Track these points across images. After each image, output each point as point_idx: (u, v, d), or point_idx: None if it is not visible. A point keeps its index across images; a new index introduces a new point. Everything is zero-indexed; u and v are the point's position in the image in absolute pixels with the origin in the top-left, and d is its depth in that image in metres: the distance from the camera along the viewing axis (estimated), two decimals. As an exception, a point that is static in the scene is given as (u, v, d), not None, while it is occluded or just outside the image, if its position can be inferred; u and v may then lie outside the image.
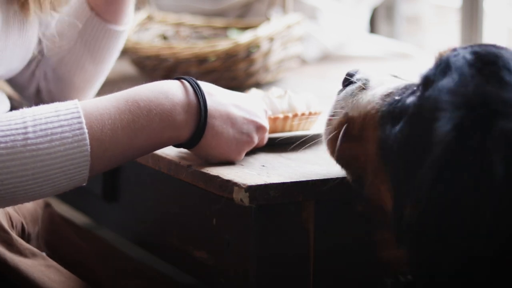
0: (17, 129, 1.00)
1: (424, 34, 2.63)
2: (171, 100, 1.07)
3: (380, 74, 1.06)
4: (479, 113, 0.83)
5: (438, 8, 2.65)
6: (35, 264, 1.15)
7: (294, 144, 1.21)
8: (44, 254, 1.19)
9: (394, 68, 2.03)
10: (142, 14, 1.83)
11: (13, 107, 1.33)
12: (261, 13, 2.01)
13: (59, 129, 1.01)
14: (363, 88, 1.03)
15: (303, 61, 2.03)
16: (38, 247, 1.23)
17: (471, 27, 2.20)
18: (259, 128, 1.14)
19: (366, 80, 1.04)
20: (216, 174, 1.10)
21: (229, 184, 1.08)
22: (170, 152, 1.21)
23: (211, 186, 1.11)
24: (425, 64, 0.95)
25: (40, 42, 1.30)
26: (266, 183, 1.07)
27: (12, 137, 0.99)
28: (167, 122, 1.07)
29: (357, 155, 1.01)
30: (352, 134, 1.02)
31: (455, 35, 2.32)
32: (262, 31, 1.65)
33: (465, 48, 0.92)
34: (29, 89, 1.39)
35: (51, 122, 1.01)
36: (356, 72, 1.06)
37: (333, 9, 2.15)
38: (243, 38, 1.63)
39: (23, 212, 1.23)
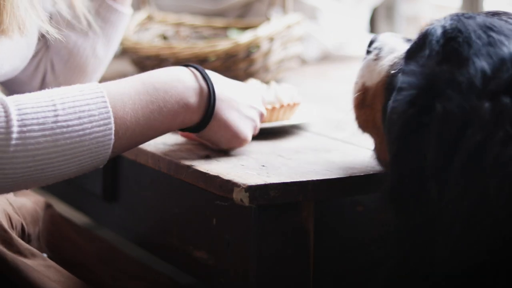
0: (47, 106, 1.01)
1: (424, 34, 2.63)
2: (184, 83, 1.12)
3: (394, 39, 1.14)
4: (426, 94, 0.89)
5: (438, 8, 2.65)
6: (35, 264, 1.15)
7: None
8: (44, 255, 1.19)
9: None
10: (142, 14, 1.83)
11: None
12: (261, 13, 2.01)
13: (86, 107, 1.03)
14: (377, 57, 1.12)
15: (303, 61, 2.03)
16: (39, 248, 1.23)
17: (471, 27, 2.20)
18: (260, 113, 1.20)
19: (379, 49, 1.12)
20: (216, 174, 1.10)
21: (229, 184, 1.08)
22: (170, 152, 1.21)
23: (211, 186, 1.11)
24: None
25: (43, 36, 1.31)
26: (266, 183, 1.07)
27: (43, 114, 1.00)
28: (182, 104, 1.11)
29: (369, 121, 1.10)
30: (366, 102, 1.11)
31: (455, 35, 2.32)
32: (262, 31, 1.65)
33: (440, 21, 1.03)
34: (31, 85, 1.39)
35: (78, 101, 1.03)
36: (373, 40, 1.15)
37: (333, 9, 2.15)
38: (243, 38, 1.63)
39: (23, 213, 1.23)
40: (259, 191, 1.06)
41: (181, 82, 1.11)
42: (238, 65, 1.63)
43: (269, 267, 1.11)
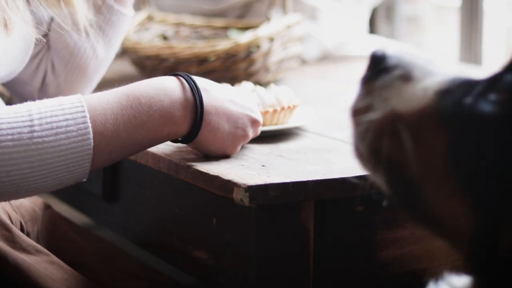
0: (23, 121, 1.01)
1: (424, 34, 2.63)
2: (170, 96, 1.09)
3: (419, 58, 0.88)
4: None
5: (438, 8, 2.65)
6: (38, 260, 1.15)
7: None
8: (47, 251, 1.20)
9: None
10: (142, 14, 1.83)
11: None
12: (261, 13, 2.01)
13: (64, 123, 1.02)
14: (406, 78, 0.86)
15: (303, 61, 2.03)
16: (40, 247, 1.23)
17: (471, 27, 2.20)
18: (253, 122, 1.17)
19: (406, 69, 0.87)
20: (216, 174, 1.10)
21: (229, 184, 1.08)
22: (170, 152, 1.21)
23: (211, 186, 1.11)
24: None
25: (45, 35, 1.31)
26: (266, 183, 1.07)
27: (18, 129, 1.00)
28: (167, 118, 1.09)
29: (407, 158, 0.83)
30: (399, 133, 0.84)
31: (455, 35, 2.32)
32: (262, 31, 1.65)
33: None
34: (32, 85, 1.39)
35: (56, 116, 1.02)
36: (387, 55, 0.89)
37: (333, 9, 2.15)
38: (243, 38, 1.63)
39: (21, 211, 1.23)
40: (259, 191, 1.06)
41: (167, 95, 1.09)
42: (238, 65, 1.63)
43: (269, 267, 1.11)
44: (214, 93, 1.13)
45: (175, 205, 1.26)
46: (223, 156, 1.17)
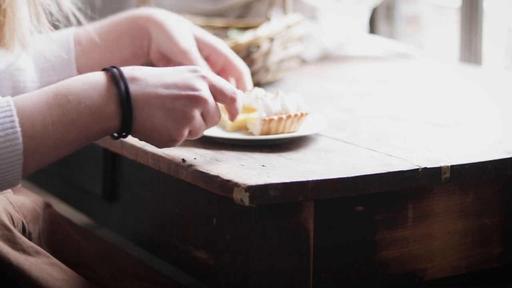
0: None
1: (424, 34, 2.63)
2: (98, 91, 1.06)
3: None
4: None
5: (438, 8, 2.65)
6: (39, 262, 1.15)
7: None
8: (47, 252, 1.20)
9: (394, 68, 2.03)
10: (142, 14, 1.82)
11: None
12: (261, 13, 2.01)
13: None
14: None
15: (303, 61, 2.03)
16: (40, 247, 1.23)
17: (471, 27, 2.21)
18: (194, 99, 1.09)
19: None
20: (216, 174, 1.10)
21: (229, 184, 1.08)
22: (170, 152, 1.21)
23: (211, 186, 1.11)
24: (425, 64, 0.95)
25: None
26: (266, 183, 1.07)
27: None
28: (97, 114, 1.06)
29: None
30: None
31: (455, 35, 2.32)
32: (262, 31, 1.65)
33: None
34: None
35: None
36: None
37: (333, 9, 2.15)
38: (243, 38, 1.63)
39: (23, 211, 1.23)
40: (259, 191, 1.06)
41: (95, 90, 1.06)
42: (238, 65, 1.63)
43: (269, 267, 1.11)
44: (145, 81, 1.08)
45: (175, 205, 1.26)
46: (172, 142, 1.10)
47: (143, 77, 1.09)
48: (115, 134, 1.10)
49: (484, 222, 1.24)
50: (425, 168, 1.15)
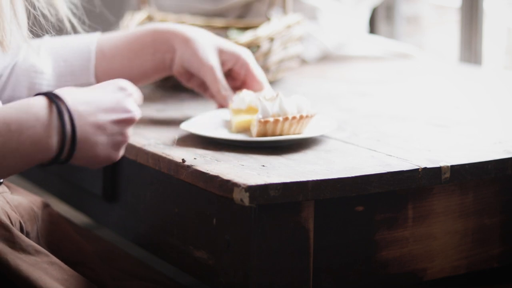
0: None
1: (424, 34, 2.63)
2: (42, 123, 1.07)
3: None
4: None
5: (438, 8, 2.65)
6: (38, 261, 1.15)
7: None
8: (47, 251, 1.20)
9: (394, 68, 2.03)
10: (142, 14, 1.83)
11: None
12: (261, 13, 2.01)
13: None
14: None
15: (303, 61, 2.03)
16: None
17: (471, 27, 2.21)
18: (130, 121, 1.14)
19: None
20: (216, 174, 1.10)
21: (229, 184, 1.08)
22: (170, 152, 1.21)
23: (211, 186, 1.11)
24: (425, 64, 0.95)
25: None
26: (266, 183, 1.07)
27: None
28: (39, 145, 1.07)
29: None
30: None
31: (455, 35, 2.32)
32: (262, 31, 1.65)
33: None
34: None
35: None
36: None
37: (333, 9, 2.15)
38: (243, 38, 1.63)
39: (20, 211, 1.23)
40: (259, 191, 1.06)
41: (38, 120, 1.07)
42: (238, 65, 1.63)
43: (269, 267, 1.11)
44: (86, 110, 1.10)
45: (175, 205, 1.26)
46: (109, 163, 1.14)
47: (84, 108, 1.10)
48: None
49: (484, 222, 1.24)
50: (425, 168, 1.15)
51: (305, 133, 1.26)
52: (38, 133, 1.07)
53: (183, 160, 1.16)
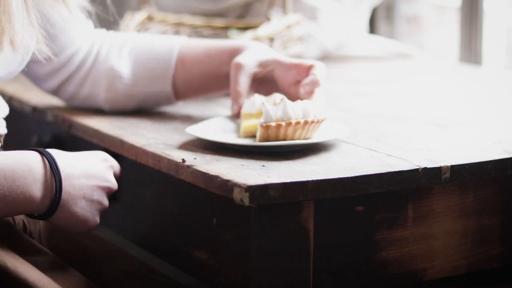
0: None
1: (424, 34, 2.63)
2: (33, 175, 1.12)
3: None
4: None
5: (438, 8, 2.65)
6: (39, 261, 1.15)
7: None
8: (48, 251, 1.20)
9: (394, 68, 2.03)
10: (142, 14, 1.83)
11: (12, 108, 1.33)
12: (261, 13, 2.01)
13: None
14: None
15: (303, 61, 2.03)
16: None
17: (471, 27, 2.20)
18: (108, 190, 1.20)
19: None
20: (216, 174, 1.10)
21: (229, 184, 1.08)
22: (170, 152, 1.21)
23: (211, 186, 1.11)
24: (425, 64, 0.95)
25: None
26: (266, 183, 1.07)
27: None
28: (28, 196, 1.11)
29: None
30: None
31: (455, 35, 2.32)
32: (262, 31, 1.65)
33: None
34: (47, 83, 1.44)
35: None
36: None
37: (333, 9, 2.15)
38: (243, 38, 1.63)
39: (23, 211, 1.23)
40: (259, 191, 1.06)
41: (31, 173, 1.12)
42: (238, 65, 1.63)
43: (269, 267, 1.11)
44: (71, 169, 1.16)
45: (175, 205, 1.26)
46: (87, 228, 1.19)
47: (71, 170, 1.16)
48: (34, 214, 1.16)
49: (484, 222, 1.24)
50: (425, 168, 1.15)
51: (311, 139, 1.22)
52: (28, 184, 1.11)
53: (183, 160, 1.16)
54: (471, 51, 2.22)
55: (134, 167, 1.34)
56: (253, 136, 1.26)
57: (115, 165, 1.24)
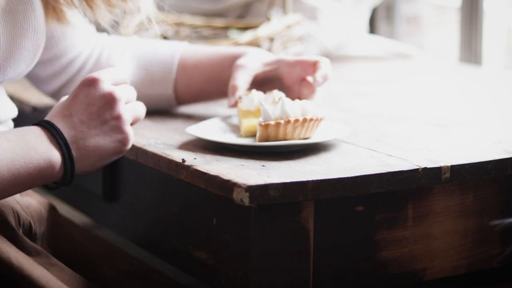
0: None
1: (424, 34, 2.63)
2: (44, 141, 1.10)
3: None
4: None
5: (438, 8, 2.65)
6: (39, 262, 1.15)
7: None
8: (48, 253, 1.20)
9: (394, 68, 2.03)
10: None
11: (18, 108, 1.33)
12: (261, 13, 2.01)
13: None
14: None
15: (303, 61, 2.03)
16: (42, 248, 1.23)
17: (471, 27, 2.21)
18: (108, 103, 1.13)
19: None
20: (216, 174, 1.10)
21: (229, 184, 1.08)
22: (170, 152, 1.21)
23: (211, 186, 1.11)
24: (425, 64, 0.95)
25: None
26: (266, 183, 1.07)
27: None
28: (47, 159, 1.10)
29: None
30: None
31: (455, 35, 2.32)
32: (262, 31, 1.65)
33: None
34: (48, 85, 1.44)
35: None
36: None
37: (333, 9, 2.15)
38: (243, 38, 1.63)
39: (30, 211, 1.24)
40: (259, 191, 1.06)
41: (39, 138, 1.10)
42: (238, 65, 1.63)
43: (269, 267, 1.11)
44: (62, 113, 1.13)
45: (175, 205, 1.26)
46: (122, 149, 1.15)
47: (63, 112, 1.13)
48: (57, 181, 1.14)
49: (484, 222, 1.24)
50: (425, 168, 1.15)
51: (311, 139, 1.22)
52: (45, 148, 1.10)
53: (183, 160, 1.16)
54: (471, 51, 2.22)
55: (134, 167, 1.34)
56: (254, 135, 1.26)
57: (102, 74, 1.16)
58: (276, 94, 1.29)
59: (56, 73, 1.42)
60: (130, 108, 1.16)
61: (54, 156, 1.11)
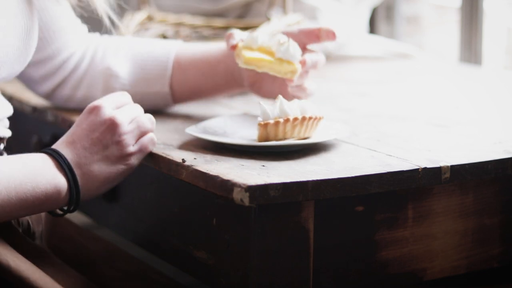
0: None
1: (424, 34, 2.63)
2: (50, 167, 1.14)
3: None
4: None
5: (438, 8, 2.65)
6: (39, 262, 1.15)
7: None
8: (48, 252, 1.20)
9: (394, 68, 2.03)
10: (142, 14, 1.83)
11: (14, 108, 1.33)
12: (261, 13, 2.01)
13: None
14: None
15: (303, 61, 2.03)
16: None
17: (471, 27, 2.20)
18: (110, 128, 1.17)
19: None
20: (216, 174, 1.10)
21: (229, 184, 1.08)
22: (170, 152, 1.21)
23: (211, 186, 1.11)
24: (425, 64, 0.95)
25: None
26: (266, 183, 1.07)
27: None
28: (53, 185, 1.13)
29: None
30: None
31: (455, 35, 2.32)
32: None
33: None
34: (41, 87, 1.44)
35: None
36: None
37: (333, 9, 2.15)
38: (243, 38, 1.63)
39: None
40: (259, 191, 1.06)
41: (46, 165, 1.13)
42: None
43: (269, 267, 1.11)
44: (66, 141, 1.17)
45: (175, 205, 1.26)
46: (125, 172, 1.19)
47: (67, 140, 1.17)
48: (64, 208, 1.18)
49: (484, 222, 1.24)
50: (425, 168, 1.15)
51: (311, 138, 1.22)
52: (53, 174, 1.13)
53: (183, 160, 1.16)
54: (471, 51, 2.22)
55: (134, 167, 1.34)
56: (254, 65, 1.28)
57: (104, 101, 1.19)
58: (282, 37, 1.29)
59: (49, 74, 1.42)
60: (133, 128, 1.18)
61: (61, 182, 1.14)
